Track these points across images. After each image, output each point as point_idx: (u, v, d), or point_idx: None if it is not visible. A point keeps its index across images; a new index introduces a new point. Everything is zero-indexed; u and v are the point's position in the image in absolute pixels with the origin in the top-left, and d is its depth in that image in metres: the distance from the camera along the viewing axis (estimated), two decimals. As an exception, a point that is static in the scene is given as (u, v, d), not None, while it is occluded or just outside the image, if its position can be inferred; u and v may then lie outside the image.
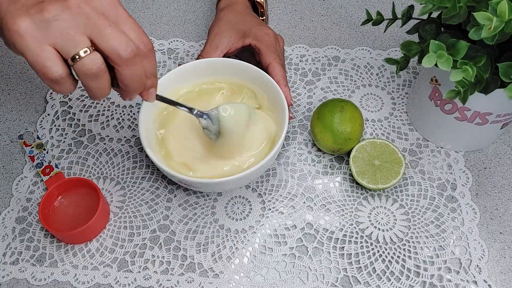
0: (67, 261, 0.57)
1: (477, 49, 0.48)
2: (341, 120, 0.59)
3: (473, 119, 0.57)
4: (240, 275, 0.55)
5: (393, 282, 0.54)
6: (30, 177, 0.63)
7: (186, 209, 0.60)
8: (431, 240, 0.57)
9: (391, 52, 0.74)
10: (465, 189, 0.60)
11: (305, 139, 0.65)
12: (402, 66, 0.54)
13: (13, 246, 0.58)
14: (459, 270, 0.55)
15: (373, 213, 0.59)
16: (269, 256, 0.56)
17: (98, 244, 0.58)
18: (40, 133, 0.67)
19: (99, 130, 0.67)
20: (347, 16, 0.79)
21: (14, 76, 0.73)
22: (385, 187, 0.58)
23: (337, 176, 0.62)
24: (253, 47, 0.64)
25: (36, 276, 0.56)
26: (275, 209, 0.60)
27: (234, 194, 0.61)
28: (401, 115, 0.67)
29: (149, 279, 0.55)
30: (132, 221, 0.59)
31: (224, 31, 0.64)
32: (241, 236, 0.58)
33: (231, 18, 0.66)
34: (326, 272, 0.55)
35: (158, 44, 0.77)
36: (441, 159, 0.63)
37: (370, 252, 0.56)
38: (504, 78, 0.46)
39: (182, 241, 0.58)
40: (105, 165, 0.64)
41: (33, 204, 0.61)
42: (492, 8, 0.42)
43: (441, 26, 0.52)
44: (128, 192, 0.62)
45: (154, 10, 0.82)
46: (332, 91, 0.70)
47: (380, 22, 0.58)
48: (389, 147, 0.59)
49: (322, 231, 0.58)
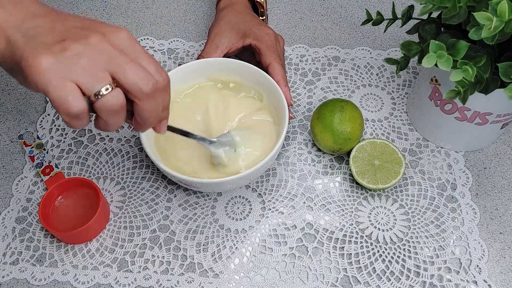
0: (67, 261, 0.57)
1: (477, 49, 0.48)
2: (341, 120, 0.59)
3: (473, 119, 0.57)
4: (240, 275, 0.55)
5: (393, 282, 0.54)
6: (30, 177, 0.63)
7: (186, 209, 0.60)
8: (431, 240, 0.57)
9: (391, 52, 0.74)
10: (465, 189, 0.60)
11: (305, 139, 0.65)
12: (402, 66, 0.54)
13: (13, 246, 0.58)
14: (459, 270, 0.55)
15: (373, 213, 0.59)
16: (269, 256, 0.56)
17: (98, 244, 0.58)
18: (40, 133, 0.67)
19: (99, 130, 0.67)
20: (347, 16, 0.79)
21: (14, 79, 0.73)
22: (385, 187, 0.58)
23: (337, 176, 0.62)
24: (253, 47, 0.64)
25: (36, 276, 0.56)
26: (275, 209, 0.60)
27: (234, 194, 0.61)
28: (401, 115, 0.67)
29: (149, 279, 0.55)
30: (132, 221, 0.59)
31: (224, 31, 0.64)
32: (241, 236, 0.58)
33: (231, 18, 0.66)
34: (326, 272, 0.55)
35: (158, 44, 0.77)
36: (441, 159, 0.63)
37: (370, 252, 0.56)
38: (504, 78, 0.46)
39: (182, 241, 0.58)
40: (105, 165, 0.64)
41: (33, 204, 0.61)
42: (492, 8, 0.42)
43: (441, 26, 0.52)
44: (128, 192, 0.62)
45: (154, 10, 0.82)
46: (332, 91, 0.70)
47: (380, 22, 0.58)
48: (389, 147, 0.59)
49: (322, 231, 0.58)
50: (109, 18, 0.80)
